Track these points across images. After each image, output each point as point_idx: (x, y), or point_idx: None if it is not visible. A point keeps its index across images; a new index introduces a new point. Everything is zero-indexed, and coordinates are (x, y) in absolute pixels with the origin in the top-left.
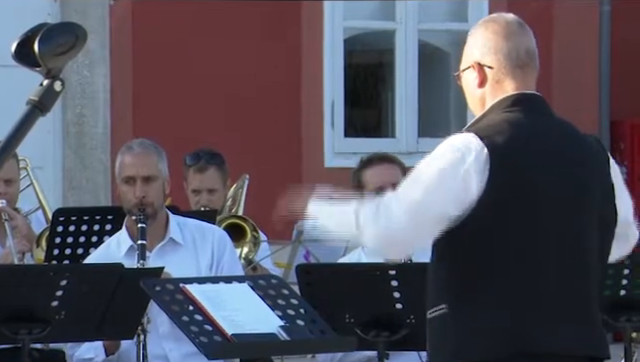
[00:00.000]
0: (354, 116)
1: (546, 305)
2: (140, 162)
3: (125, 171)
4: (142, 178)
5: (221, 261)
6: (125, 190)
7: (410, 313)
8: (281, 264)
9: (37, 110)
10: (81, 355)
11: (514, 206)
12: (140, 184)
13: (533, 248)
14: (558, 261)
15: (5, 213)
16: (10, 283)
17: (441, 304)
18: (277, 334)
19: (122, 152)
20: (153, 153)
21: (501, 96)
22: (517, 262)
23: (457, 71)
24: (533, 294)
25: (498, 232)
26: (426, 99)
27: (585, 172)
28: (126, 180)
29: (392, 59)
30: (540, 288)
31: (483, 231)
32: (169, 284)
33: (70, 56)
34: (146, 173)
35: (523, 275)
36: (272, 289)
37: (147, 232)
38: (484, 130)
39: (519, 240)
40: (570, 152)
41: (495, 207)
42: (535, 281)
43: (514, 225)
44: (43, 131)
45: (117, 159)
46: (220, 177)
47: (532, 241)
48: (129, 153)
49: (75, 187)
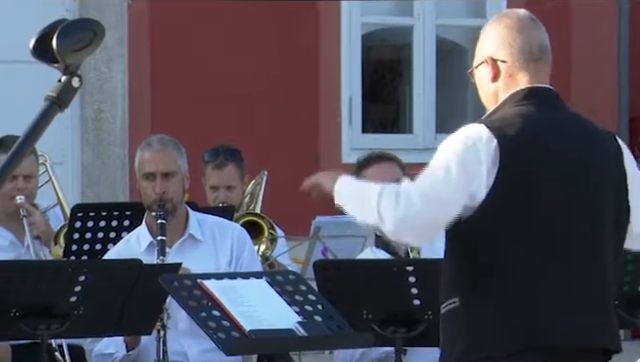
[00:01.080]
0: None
1: (558, 298)
2: (159, 158)
3: (144, 167)
4: (162, 174)
5: (240, 258)
6: (145, 186)
7: (428, 309)
8: (299, 260)
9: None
10: (101, 350)
11: (524, 199)
12: (160, 180)
13: (544, 241)
14: (570, 253)
15: (23, 209)
16: (28, 279)
17: (453, 298)
18: (294, 330)
19: (141, 148)
20: (172, 149)
21: (514, 90)
22: (528, 255)
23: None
24: (545, 287)
25: (508, 225)
26: (444, 95)
27: (597, 165)
28: (146, 176)
29: (410, 55)
30: (552, 281)
31: (493, 224)
32: (187, 280)
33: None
34: (165, 169)
35: (534, 268)
36: (290, 285)
37: (167, 228)
38: (495, 122)
39: (529, 233)
40: (582, 146)
41: (505, 200)
42: (546, 274)
43: (524, 218)
44: (61, 127)
45: (136, 155)
46: (238, 174)
47: (543, 234)
48: (148, 149)
49: (93, 183)
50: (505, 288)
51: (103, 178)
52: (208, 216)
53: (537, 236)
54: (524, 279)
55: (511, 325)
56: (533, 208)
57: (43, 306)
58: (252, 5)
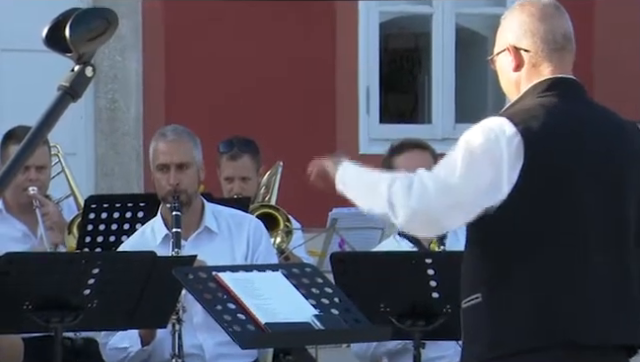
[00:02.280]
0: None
1: (582, 294)
2: (174, 149)
3: (159, 158)
4: (176, 165)
5: (257, 251)
6: (159, 177)
7: (447, 302)
8: (315, 252)
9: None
10: (115, 344)
11: (549, 193)
12: (174, 171)
13: (569, 236)
14: (595, 248)
15: (36, 200)
16: (42, 271)
17: (475, 294)
18: (311, 323)
19: (156, 139)
20: (187, 140)
21: (537, 80)
22: (552, 250)
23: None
24: (569, 283)
25: (532, 220)
26: (463, 84)
27: (622, 157)
28: (160, 167)
29: (428, 43)
30: (576, 277)
31: (517, 219)
32: (202, 272)
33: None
34: (180, 160)
35: (558, 264)
36: (306, 278)
37: (182, 220)
38: (518, 115)
39: (554, 228)
40: (607, 138)
41: (529, 194)
42: (571, 270)
43: (549, 212)
44: (75, 117)
45: (151, 146)
46: (253, 165)
47: (567, 229)
48: (163, 140)
49: (107, 174)
50: (528, 285)
51: (117, 169)
52: (223, 208)
53: (562, 231)
54: (548, 275)
55: (534, 321)
56: (558, 203)
57: (56, 299)
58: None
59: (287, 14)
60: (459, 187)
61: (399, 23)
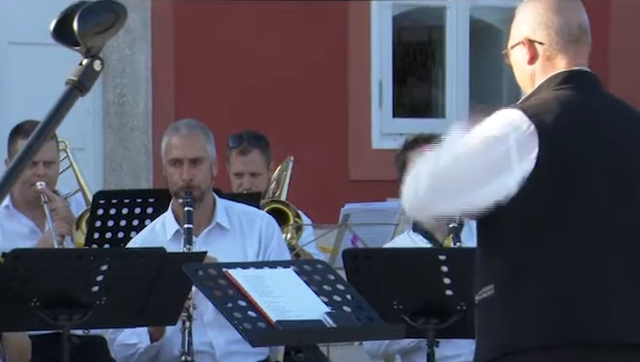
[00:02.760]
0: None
1: (598, 290)
2: (187, 144)
3: (172, 153)
4: (189, 160)
5: (269, 247)
6: (171, 172)
7: (461, 299)
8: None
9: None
10: (123, 340)
11: (561, 187)
12: (187, 166)
13: (583, 231)
14: (611, 244)
15: (44, 195)
16: (50, 267)
17: (487, 286)
18: (323, 321)
19: (168, 133)
20: (200, 134)
21: (552, 73)
22: (567, 245)
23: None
24: (584, 279)
25: (546, 214)
26: (478, 78)
27: (637, 150)
28: (172, 162)
29: (443, 36)
30: (591, 272)
31: (528, 212)
32: (212, 269)
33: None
34: (193, 155)
35: (573, 259)
36: (318, 274)
37: (194, 216)
38: (533, 108)
39: (568, 222)
40: (623, 132)
41: (541, 187)
42: (586, 265)
43: (563, 206)
44: (83, 112)
45: (163, 140)
46: (263, 160)
47: (582, 223)
48: (176, 134)
49: (115, 169)
50: (542, 279)
51: (126, 164)
52: (235, 204)
53: (576, 226)
54: (562, 270)
55: (548, 317)
56: (573, 197)
57: (64, 296)
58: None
59: (299, 6)
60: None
61: (412, 16)
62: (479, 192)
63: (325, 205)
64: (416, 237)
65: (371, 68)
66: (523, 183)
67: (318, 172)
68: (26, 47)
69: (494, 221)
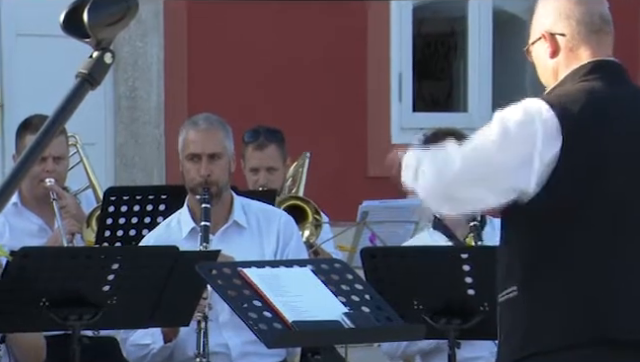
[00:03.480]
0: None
1: (624, 288)
2: (206, 138)
3: (189, 148)
4: (207, 156)
5: (287, 248)
6: (189, 168)
7: (483, 299)
8: (345, 247)
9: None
10: (136, 340)
11: (588, 180)
12: (205, 162)
13: (607, 225)
14: (633, 238)
15: (53, 192)
16: (59, 266)
17: (511, 287)
18: (341, 321)
19: (186, 127)
20: (219, 129)
21: (575, 65)
22: (590, 239)
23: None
24: (609, 277)
25: (570, 209)
26: (501, 70)
27: None
28: (190, 157)
29: (465, 27)
30: (616, 270)
31: (555, 209)
32: (226, 268)
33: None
34: (212, 150)
35: (598, 256)
36: (335, 274)
37: (211, 213)
38: (556, 98)
39: (592, 217)
40: None
41: (567, 181)
42: (611, 263)
43: (587, 201)
44: (93, 106)
45: (180, 134)
46: (280, 155)
47: (606, 218)
48: (194, 128)
49: (127, 165)
50: (566, 277)
51: (137, 160)
52: (253, 202)
53: (599, 222)
54: (587, 267)
55: (572, 316)
56: (598, 191)
57: (74, 295)
58: None
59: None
60: (487, 162)
61: (433, 7)
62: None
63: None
64: (437, 235)
65: (390, 61)
66: (545, 176)
67: (335, 168)
68: (34, 39)
69: (516, 219)
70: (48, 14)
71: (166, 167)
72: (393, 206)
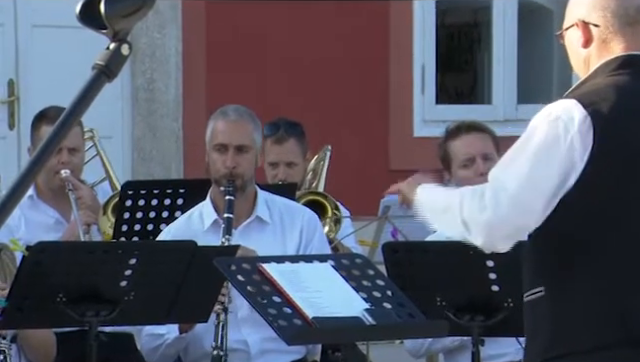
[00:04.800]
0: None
1: None
2: (234, 129)
3: (217, 138)
4: (235, 147)
5: (309, 244)
6: (215, 158)
7: (508, 296)
8: (366, 242)
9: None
10: (151, 330)
11: (619, 180)
12: (232, 153)
13: (636, 225)
14: None
15: (69, 183)
16: (76, 261)
17: (538, 287)
18: (362, 318)
19: (215, 117)
20: (249, 121)
21: (607, 57)
22: (621, 239)
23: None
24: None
25: (601, 208)
26: (526, 62)
27: None
28: (217, 148)
29: (489, 18)
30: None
31: (584, 207)
32: (245, 263)
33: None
34: (239, 142)
35: (628, 254)
36: (356, 269)
37: (234, 206)
38: (587, 96)
39: (623, 216)
40: None
41: (598, 181)
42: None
43: (619, 201)
44: (110, 98)
45: (208, 124)
46: (300, 149)
47: (636, 218)
48: (223, 119)
49: (145, 158)
50: (594, 278)
51: (155, 153)
52: (277, 197)
53: (630, 222)
54: (615, 268)
55: (601, 317)
56: (628, 190)
57: (91, 291)
58: None
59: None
60: (530, 194)
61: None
62: (548, 203)
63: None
64: None
65: (413, 52)
66: (579, 177)
67: (357, 162)
68: (50, 30)
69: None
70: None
71: (184, 161)
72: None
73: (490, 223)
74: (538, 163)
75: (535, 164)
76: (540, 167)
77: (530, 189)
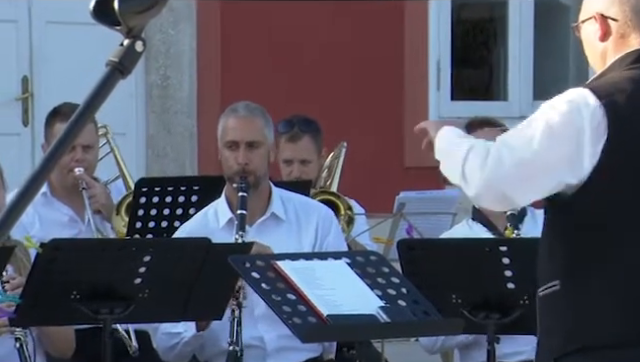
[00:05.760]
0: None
1: None
2: (245, 126)
3: (228, 135)
4: (246, 143)
5: (325, 241)
6: (227, 156)
7: (523, 293)
8: (381, 239)
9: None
10: (168, 328)
11: (636, 172)
12: (243, 150)
13: None
14: None
15: (82, 181)
16: (90, 258)
17: (552, 281)
18: (377, 315)
19: (226, 114)
20: (259, 117)
21: (624, 52)
22: (637, 232)
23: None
24: None
25: (615, 201)
26: (542, 58)
27: None
28: (229, 145)
29: (505, 13)
30: None
31: (599, 200)
32: (259, 261)
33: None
34: (251, 138)
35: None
36: (371, 266)
37: (248, 204)
38: (603, 87)
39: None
40: None
41: (612, 173)
42: None
43: (633, 194)
44: (124, 95)
45: (220, 122)
46: (314, 147)
47: None
48: (234, 116)
49: (159, 155)
50: (611, 270)
51: (169, 150)
52: (292, 194)
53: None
54: (631, 263)
55: (616, 313)
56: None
57: (105, 288)
58: None
59: None
60: (534, 161)
61: None
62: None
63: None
64: (476, 226)
65: (428, 47)
66: (592, 170)
67: (372, 159)
68: (64, 27)
69: (561, 212)
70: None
71: (198, 158)
72: (430, 197)
73: (486, 182)
74: (545, 141)
75: (542, 141)
76: (546, 145)
77: (530, 164)
